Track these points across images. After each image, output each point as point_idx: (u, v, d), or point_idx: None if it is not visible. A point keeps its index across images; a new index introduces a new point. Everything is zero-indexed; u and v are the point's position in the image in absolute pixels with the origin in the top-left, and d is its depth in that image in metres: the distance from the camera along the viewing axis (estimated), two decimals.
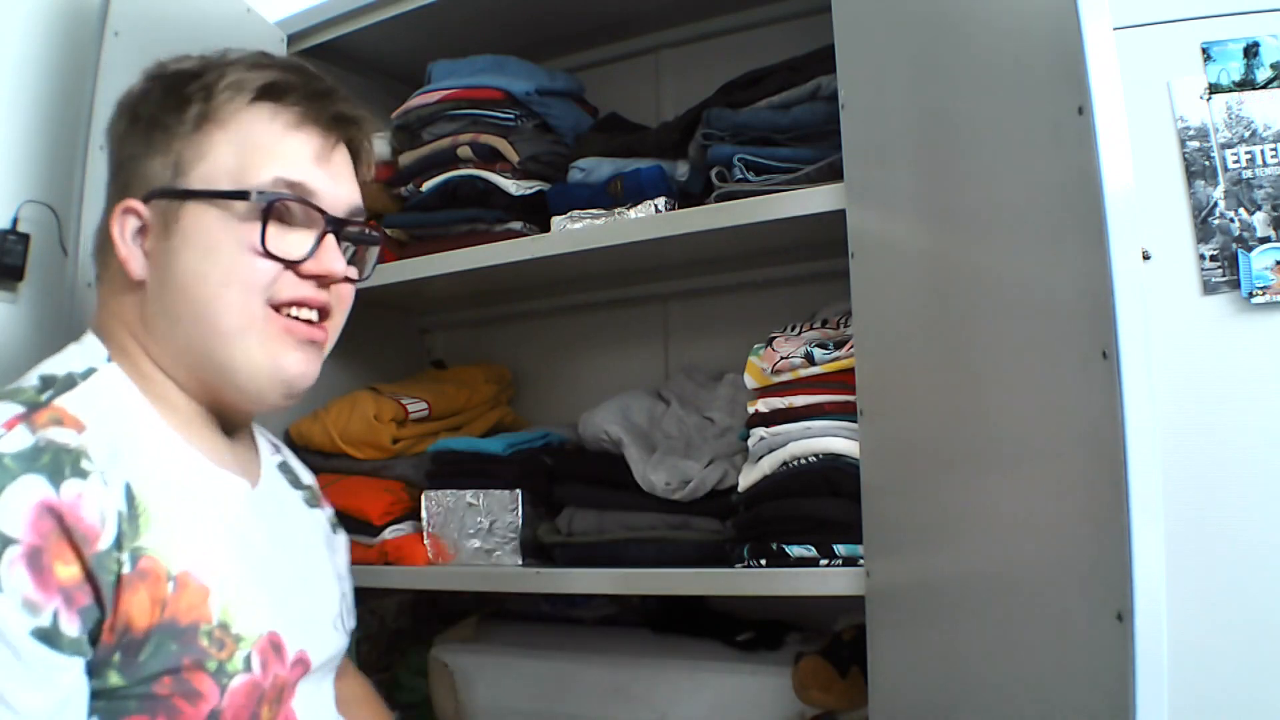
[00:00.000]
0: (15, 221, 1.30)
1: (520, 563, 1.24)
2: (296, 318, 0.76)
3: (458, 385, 1.51)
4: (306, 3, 1.47)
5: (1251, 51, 1.15)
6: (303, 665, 0.76)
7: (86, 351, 0.75)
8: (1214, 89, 1.15)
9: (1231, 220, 1.13)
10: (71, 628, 0.61)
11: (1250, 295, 1.11)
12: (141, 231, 0.75)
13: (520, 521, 1.24)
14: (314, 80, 0.78)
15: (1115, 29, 0.74)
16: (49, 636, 0.60)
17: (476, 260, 1.28)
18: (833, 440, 1.03)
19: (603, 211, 1.23)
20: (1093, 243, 0.72)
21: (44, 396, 0.68)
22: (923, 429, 0.93)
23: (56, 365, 0.73)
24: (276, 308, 0.75)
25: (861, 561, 0.97)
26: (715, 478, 1.16)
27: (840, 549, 1.01)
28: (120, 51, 1.18)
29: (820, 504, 1.03)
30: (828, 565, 1.01)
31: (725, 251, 1.29)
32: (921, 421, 0.93)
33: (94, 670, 0.64)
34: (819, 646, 1.17)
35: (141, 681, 0.65)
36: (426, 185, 1.35)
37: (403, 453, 1.39)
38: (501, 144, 1.31)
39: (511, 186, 1.31)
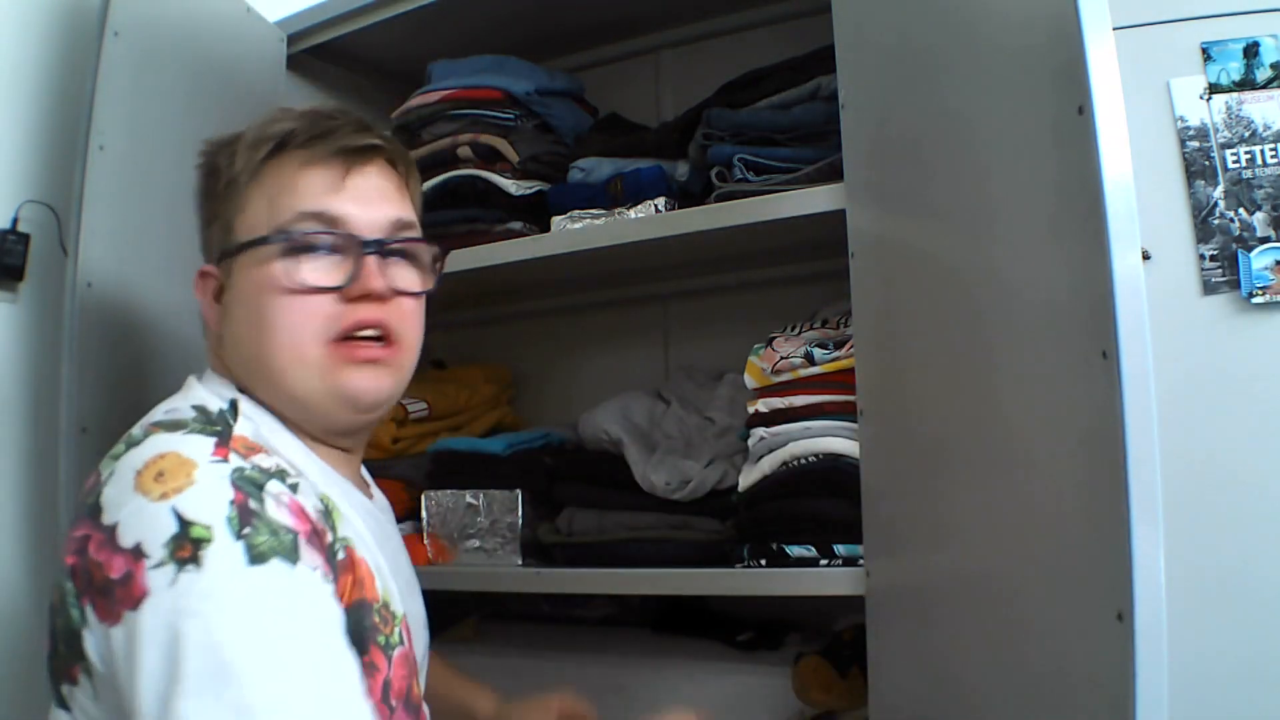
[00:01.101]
0: (15, 221, 1.30)
1: (520, 563, 1.24)
2: (360, 339, 0.79)
3: (458, 385, 1.51)
4: (306, 2, 1.46)
5: (1251, 51, 1.15)
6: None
7: (216, 386, 0.80)
8: (1214, 89, 1.15)
9: (1231, 220, 1.13)
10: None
11: (1250, 295, 1.11)
12: (219, 290, 0.83)
13: (520, 521, 1.24)
14: (320, 120, 0.81)
15: (1115, 29, 0.74)
16: None
17: (476, 260, 1.28)
18: (833, 440, 1.03)
19: (603, 211, 1.23)
20: (1093, 243, 0.72)
21: (219, 427, 0.72)
22: (923, 429, 0.93)
23: (196, 398, 0.77)
24: (341, 339, 0.79)
25: (861, 561, 0.97)
26: (715, 478, 1.16)
27: (840, 549, 1.01)
28: (120, 51, 1.18)
29: (820, 504, 1.03)
30: (828, 565, 1.02)
31: (725, 251, 1.29)
32: (921, 421, 0.93)
33: None
34: (819, 646, 1.17)
35: None
36: (426, 185, 1.35)
37: (403, 453, 1.39)
38: (501, 144, 1.31)
39: (511, 186, 1.31)
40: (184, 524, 0.63)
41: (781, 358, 1.08)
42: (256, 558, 0.64)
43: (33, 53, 1.34)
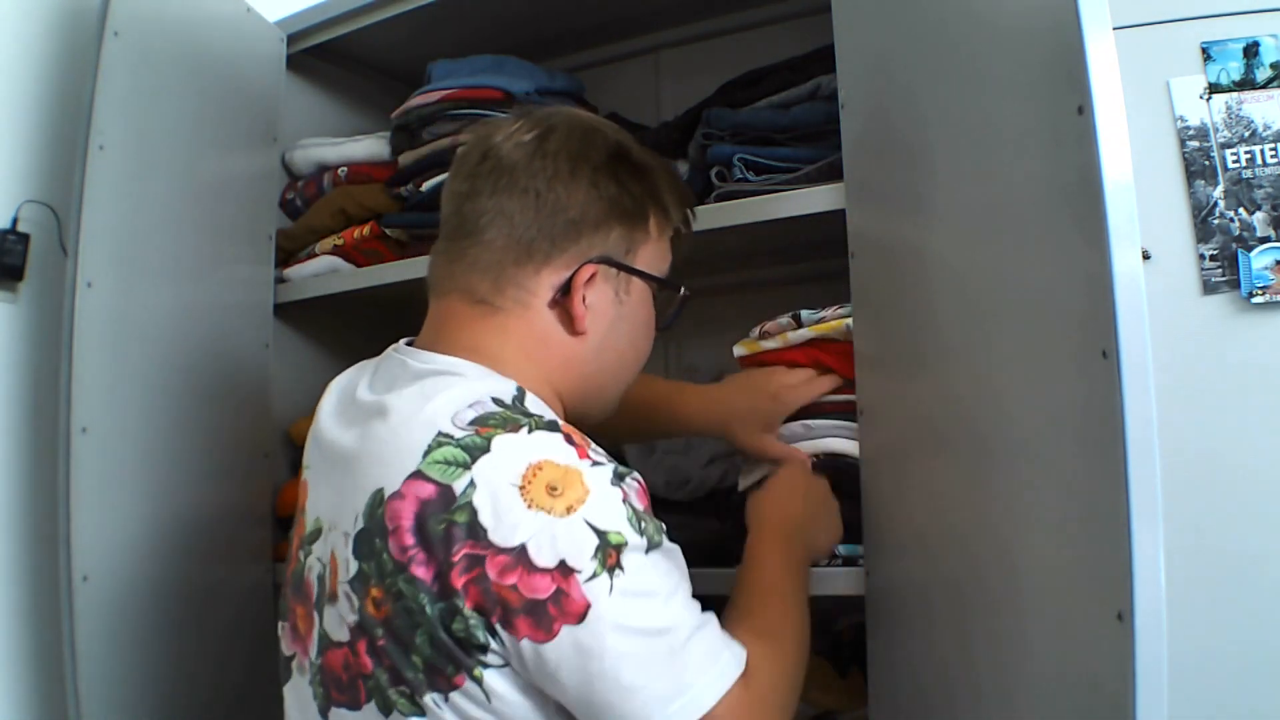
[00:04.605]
0: (15, 221, 1.30)
1: None
2: None
3: None
4: (306, 2, 1.46)
5: (1251, 51, 1.15)
6: None
7: (496, 378, 0.79)
8: (1214, 89, 1.15)
9: (1231, 220, 1.13)
10: None
11: (1250, 295, 1.11)
12: (587, 288, 0.84)
13: None
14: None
15: (1115, 29, 0.74)
16: None
17: None
18: (833, 441, 1.03)
19: None
20: (1093, 243, 0.71)
21: (545, 418, 0.75)
22: (923, 429, 0.93)
23: (484, 387, 0.76)
24: None
25: (861, 561, 0.97)
26: (715, 477, 1.16)
27: (840, 549, 1.01)
28: (120, 51, 1.18)
29: None
30: (828, 565, 1.01)
31: (725, 251, 1.29)
32: (922, 422, 0.93)
33: None
34: (819, 646, 1.17)
35: None
36: (426, 185, 1.35)
37: None
38: None
39: None
40: (600, 534, 0.68)
41: (770, 321, 1.07)
42: (652, 546, 0.71)
43: (33, 53, 1.34)
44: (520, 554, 0.67)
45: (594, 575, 0.68)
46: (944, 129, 0.92)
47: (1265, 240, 1.12)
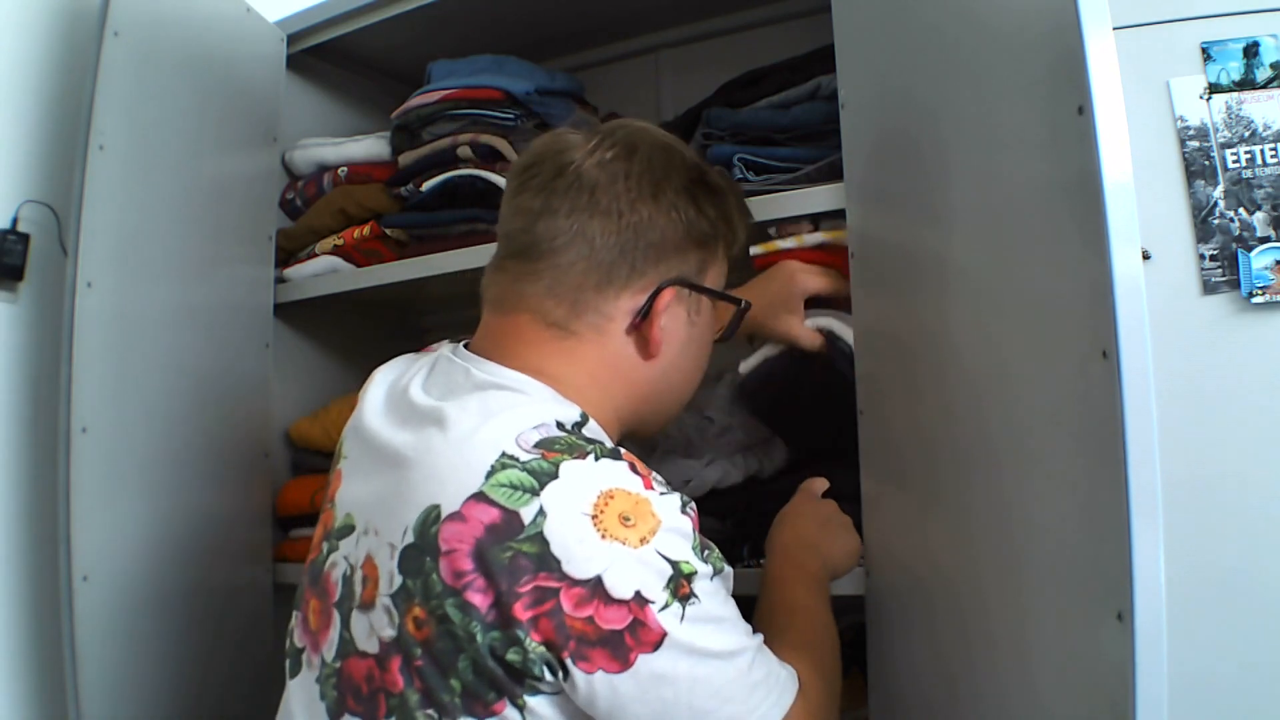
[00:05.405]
0: (15, 221, 1.30)
1: None
2: None
3: None
4: (306, 2, 1.46)
5: (1251, 51, 1.15)
6: None
7: (561, 401, 0.79)
8: (1214, 89, 1.15)
9: (1231, 220, 1.13)
10: None
11: (1250, 295, 1.11)
12: (664, 312, 0.83)
13: None
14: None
15: (1115, 29, 0.74)
16: None
17: (477, 260, 1.27)
18: (831, 320, 1.04)
19: None
20: (1093, 243, 0.71)
21: (607, 446, 0.74)
22: (922, 429, 0.93)
23: (548, 411, 0.75)
24: None
25: (861, 561, 0.97)
26: (715, 477, 1.16)
27: None
28: (120, 51, 1.18)
29: (815, 408, 1.07)
30: None
31: None
32: (921, 421, 0.93)
33: None
34: None
35: None
36: (426, 185, 1.35)
37: None
38: (501, 144, 1.30)
39: None
40: (673, 564, 0.69)
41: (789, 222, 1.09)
42: (716, 572, 0.73)
43: (33, 53, 1.34)
44: (596, 586, 0.67)
45: (667, 605, 0.68)
46: (944, 129, 0.92)
47: (1265, 240, 1.12)
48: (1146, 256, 1.11)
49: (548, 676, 0.68)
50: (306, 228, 1.46)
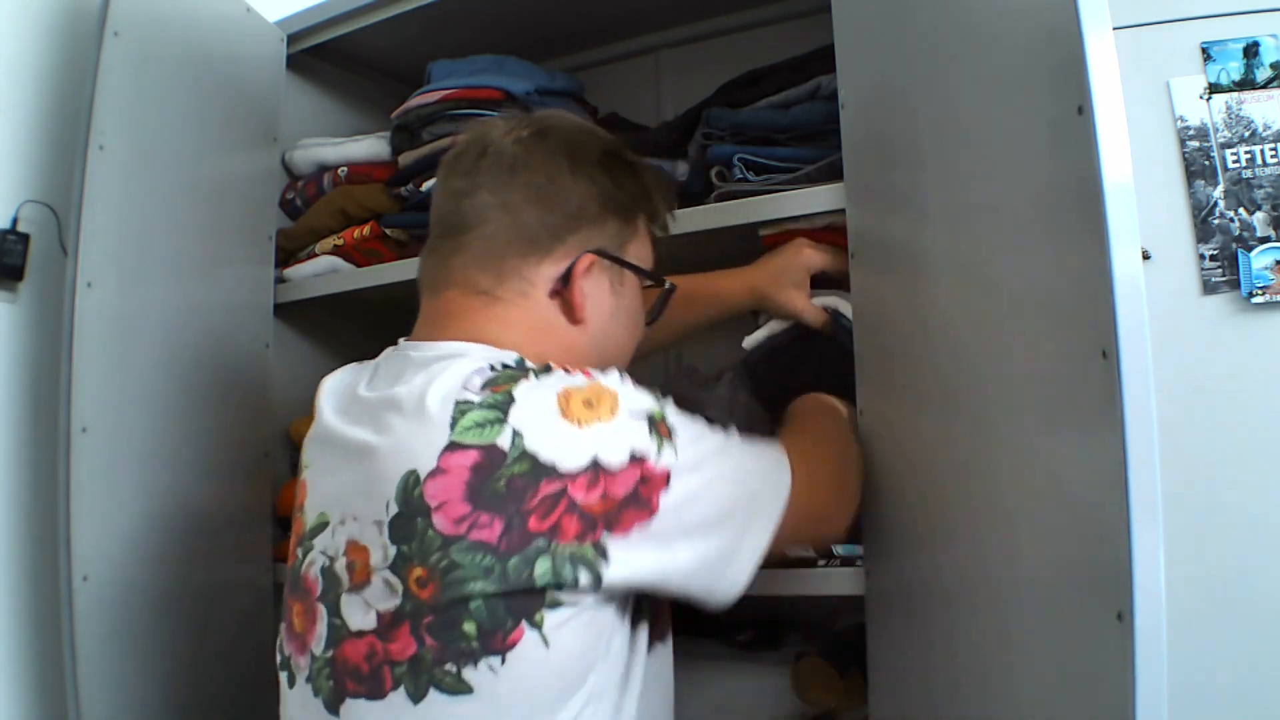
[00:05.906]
0: (15, 221, 1.30)
1: None
2: None
3: None
4: (306, 2, 1.46)
5: (1251, 51, 1.15)
6: None
7: (498, 351, 0.81)
8: (1214, 89, 1.15)
9: (1231, 220, 1.13)
10: None
11: (1250, 295, 1.11)
12: (584, 278, 0.86)
13: None
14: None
15: (1115, 29, 0.74)
16: None
17: None
18: (837, 300, 1.05)
19: None
20: (1093, 243, 0.71)
21: (543, 366, 0.78)
22: (922, 429, 0.93)
23: (485, 358, 0.78)
24: None
25: (861, 561, 0.97)
26: None
27: (840, 549, 1.01)
28: (120, 51, 1.18)
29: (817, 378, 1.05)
30: (827, 565, 1.02)
31: (725, 251, 1.29)
32: (920, 421, 0.93)
33: None
34: (819, 646, 1.17)
35: None
36: (426, 185, 1.35)
37: None
38: None
39: None
40: (646, 417, 0.75)
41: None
42: (670, 404, 0.79)
43: (33, 53, 1.34)
44: (595, 468, 0.71)
45: (660, 449, 0.74)
46: (944, 129, 0.92)
47: (1265, 240, 1.12)
48: (1146, 256, 1.11)
49: (582, 578, 0.70)
50: (306, 228, 1.46)
